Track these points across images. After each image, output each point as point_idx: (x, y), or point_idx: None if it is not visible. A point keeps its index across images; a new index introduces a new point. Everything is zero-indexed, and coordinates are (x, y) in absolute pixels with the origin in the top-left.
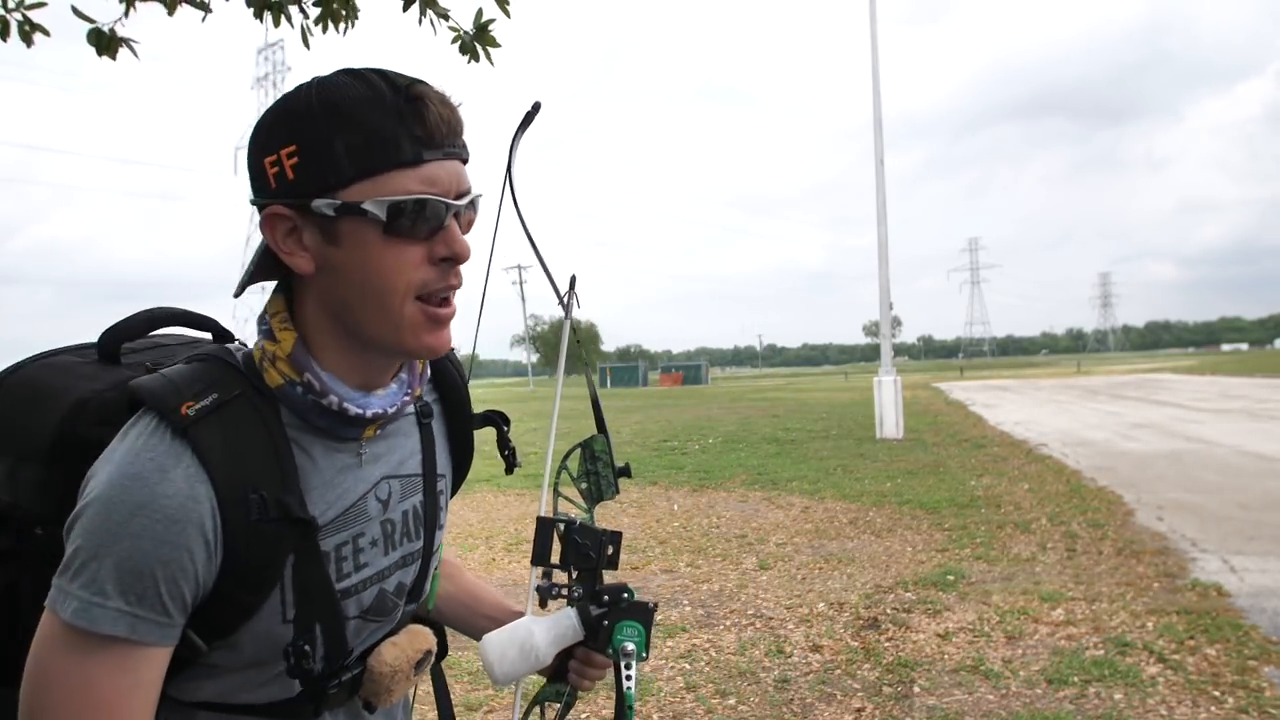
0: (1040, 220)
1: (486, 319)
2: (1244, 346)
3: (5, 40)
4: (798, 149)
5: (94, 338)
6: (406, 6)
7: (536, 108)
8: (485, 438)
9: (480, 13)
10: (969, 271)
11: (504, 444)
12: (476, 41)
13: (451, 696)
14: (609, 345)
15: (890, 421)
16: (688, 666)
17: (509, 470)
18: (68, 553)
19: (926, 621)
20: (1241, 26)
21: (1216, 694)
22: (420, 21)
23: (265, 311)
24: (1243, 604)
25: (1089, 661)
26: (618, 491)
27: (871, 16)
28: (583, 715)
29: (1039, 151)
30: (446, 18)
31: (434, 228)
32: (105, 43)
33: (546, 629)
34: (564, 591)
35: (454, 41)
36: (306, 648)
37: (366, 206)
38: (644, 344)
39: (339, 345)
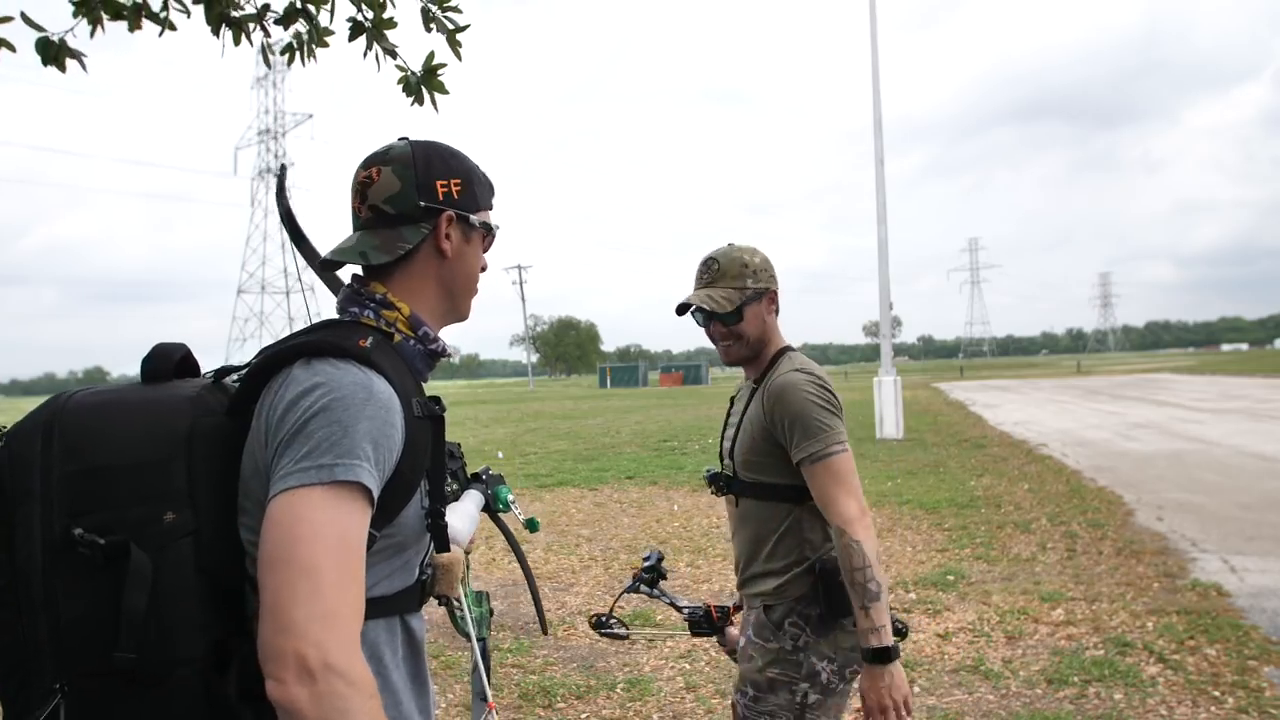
0: (1039, 221)
1: (486, 319)
2: (1244, 346)
3: None
4: (798, 151)
5: (96, 337)
6: (353, 37)
7: (283, 169)
8: (485, 437)
9: (431, 55)
10: (969, 272)
11: None
12: (423, 84)
13: (451, 695)
14: (609, 345)
15: (890, 421)
16: (688, 666)
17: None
18: (305, 445)
19: (926, 621)
20: (1236, 32)
21: (1216, 694)
22: (365, 55)
23: (370, 292)
24: (1243, 604)
25: (1089, 661)
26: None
27: (871, 16)
28: (583, 716)
29: (1037, 154)
30: (394, 55)
31: (490, 246)
32: (52, 53)
33: (474, 503)
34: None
35: (399, 82)
36: (440, 508)
37: (494, 224)
38: (644, 344)
39: (435, 310)
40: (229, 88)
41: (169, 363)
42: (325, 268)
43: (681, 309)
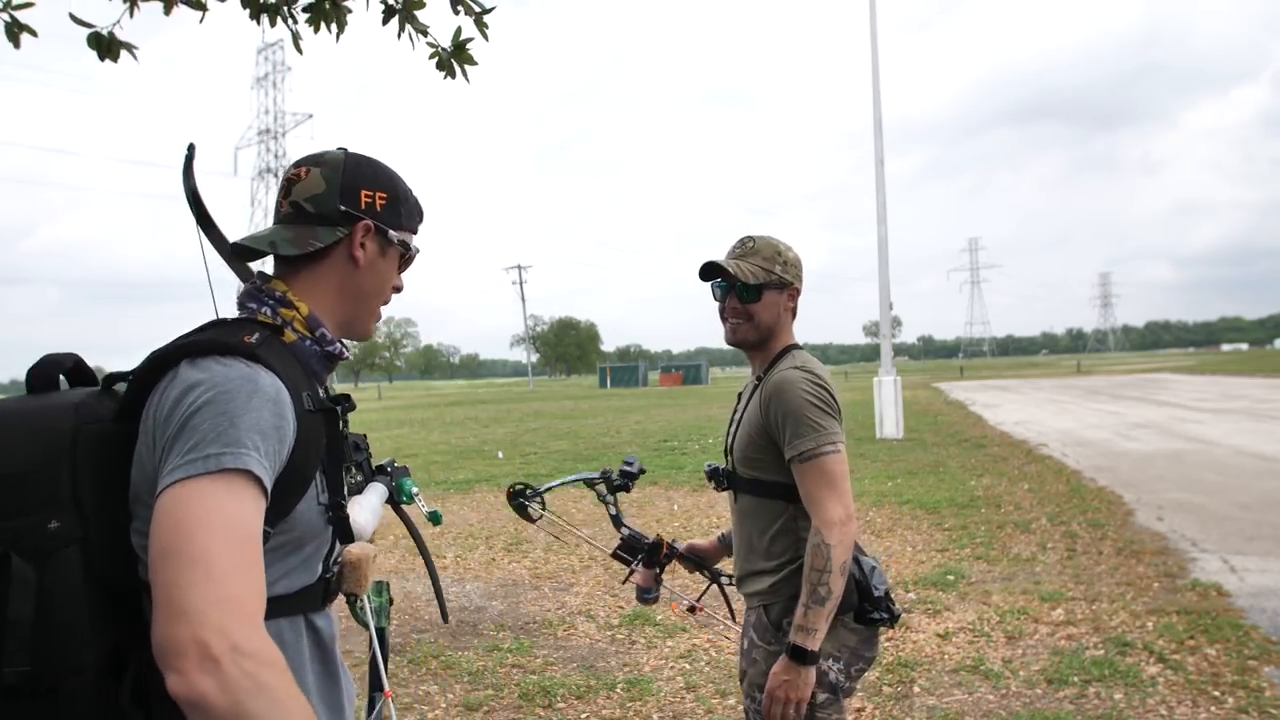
0: (1039, 221)
1: (486, 319)
2: (1244, 346)
3: None
4: (799, 152)
5: (97, 337)
6: (386, 20)
7: (191, 148)
8: (485, 437)
9: (459, 31)
10: (969, 272)
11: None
12: (454, 59)
13: (451, 695)
14: (609, 345)
15: (890, 421)
16: (688, 666)
17: None
18: (190, 439)
19: (926, 621)
20: (1235, 34)
21: (1216, 694)
22: (399, 35)
23: (270, 289)
24: (1243, 604)
25: (1089, 661)
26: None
27: (871, 17)
28: (583, 716)
29: (1037, 155)
30: (425, 34)
31: (406, 269)
32: (105, 46)
33: (377, 495)
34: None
35: (431, 58)
36: (341, 501)
37: (414, 246)
38: (644, 344)
39: (336, 316)
40: (229, 88)
41: (57, 371)
42: (236, 256)
43: (707, 268)
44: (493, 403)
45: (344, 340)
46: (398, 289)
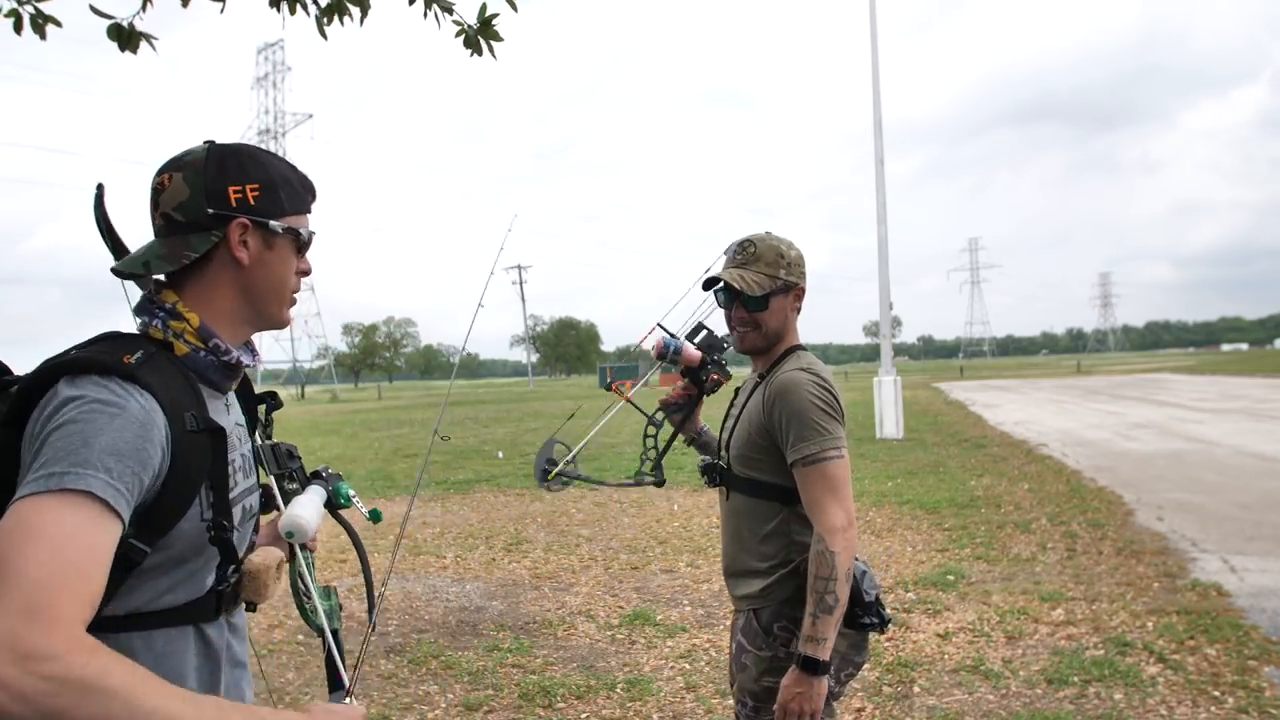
0: (1039, 222)
1: (486, 319)
2: (1244, 346)
3: (20, 34)
4: (800, 153)
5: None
6: (412, 1)
7: (100, 188)
8: (485, 437)
9: (484, 7)
10: (969, 272)
11: (267, 422)
12: (480, 35)
13: (451, 695)
14: (609, 345)
15: (890, 421)
16: (688, 666)
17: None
18: (44, 456)
19: (926, 621)
20: (1234, 36)
21: (1216, 694)
22: (425, 15)
23: (160, 301)
24: (1243, 604)
25: (1089, 661)
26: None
27: (871, 19)
28: (583, 716)
29: (1037, 155)
30: (451, 11)
31: (305, 252)
32: (125, 37)
33: (317, 495)
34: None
35: (458, 35)
36: (225, 522)
37: (302, 231)
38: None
39: (232, 320)
40: (230, 88)
41: None
42: (122, 277)
43: (709, 283)
44: (493, 403)
45: (251, 342)
46: (305, 272)
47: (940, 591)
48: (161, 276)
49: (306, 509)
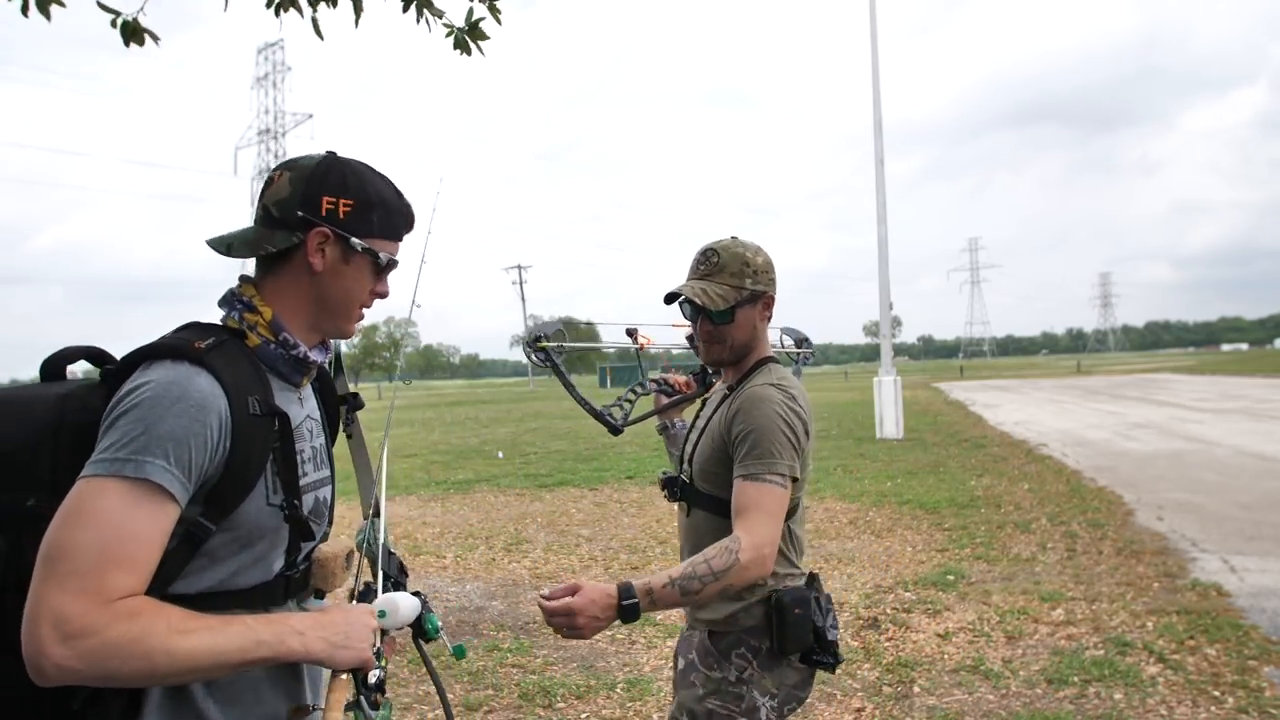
0: (1039, 222)
1: (486, 319)
2: (1244, 346)
3: (26, 15)
4: (801, 153)
5: (100, 336)
6: (406, 8)
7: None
8: (485, 437)
9: (471, 11)
10: (969, 272)
11: (349, 420)
12: (468, 36)
13: (451, 695)
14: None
15: (890, 421)
16: None
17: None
18: (110, 439)
19: (926, 621)
20: (1233, 37)
21: (1216, 694)
22: (418, 20)
23: (240, 294)
24: (1243, 604)
25: (1089, 661)
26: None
27: (872, 19)
28: (583, 716)
29: (1036, 156)
30: (441, 16)
31: (384, 275)
32: (131, 31)
33: (414, 604)
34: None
35: (448, 36)
36: (295, 502)
37: (381, 255)
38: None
39: (303, 320)
40: (230, 88)
41: (64, 363)
42: (218, 251)
43: (670, 298)
44: (493, 403)
45: (327, 341)
46: (381, 294)
47: (940, 591)
48: (249, 272)
49: (405, 600)
